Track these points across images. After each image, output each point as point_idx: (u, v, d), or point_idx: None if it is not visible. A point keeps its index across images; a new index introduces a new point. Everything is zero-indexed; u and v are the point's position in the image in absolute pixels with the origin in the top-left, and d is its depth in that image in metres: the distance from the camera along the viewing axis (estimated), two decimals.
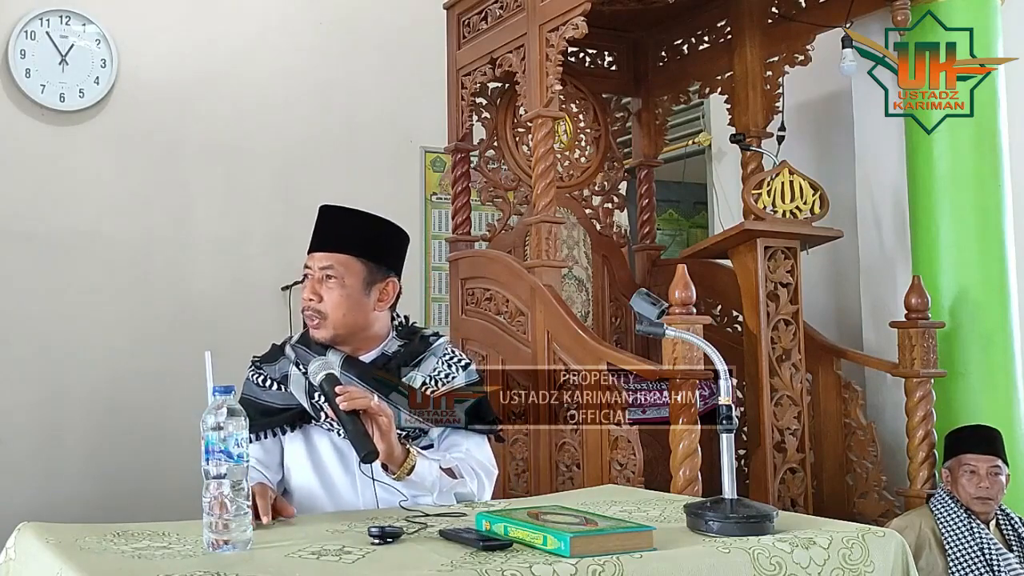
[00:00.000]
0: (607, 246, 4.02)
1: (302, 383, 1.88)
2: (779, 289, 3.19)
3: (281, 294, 4.47)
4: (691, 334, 2.00)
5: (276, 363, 1.94)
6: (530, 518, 1.43)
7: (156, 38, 4.41)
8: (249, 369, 1.96)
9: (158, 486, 3.96)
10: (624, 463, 2.77)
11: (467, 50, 3.64)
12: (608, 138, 4.10)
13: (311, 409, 1.87)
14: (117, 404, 4.17)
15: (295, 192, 4.59)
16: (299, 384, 1.89)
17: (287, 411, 1.88)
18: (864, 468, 3.31)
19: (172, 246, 4.38)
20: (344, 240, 1.92)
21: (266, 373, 1.93)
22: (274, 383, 1.91)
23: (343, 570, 1.28)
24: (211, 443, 1.38)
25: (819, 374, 3.43)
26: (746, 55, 3.75)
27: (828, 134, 4.12)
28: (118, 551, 1.36)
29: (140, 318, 4.27)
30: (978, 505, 2.78)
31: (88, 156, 4.27)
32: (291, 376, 1.90)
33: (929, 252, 3.35)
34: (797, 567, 1.41)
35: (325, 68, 4.73)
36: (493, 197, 3.76)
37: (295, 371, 1.90)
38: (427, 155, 4.96)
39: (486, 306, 3.41)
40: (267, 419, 1.88)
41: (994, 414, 3.12)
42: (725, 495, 1.55)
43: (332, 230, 1.94)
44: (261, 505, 1.58)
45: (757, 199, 3.17)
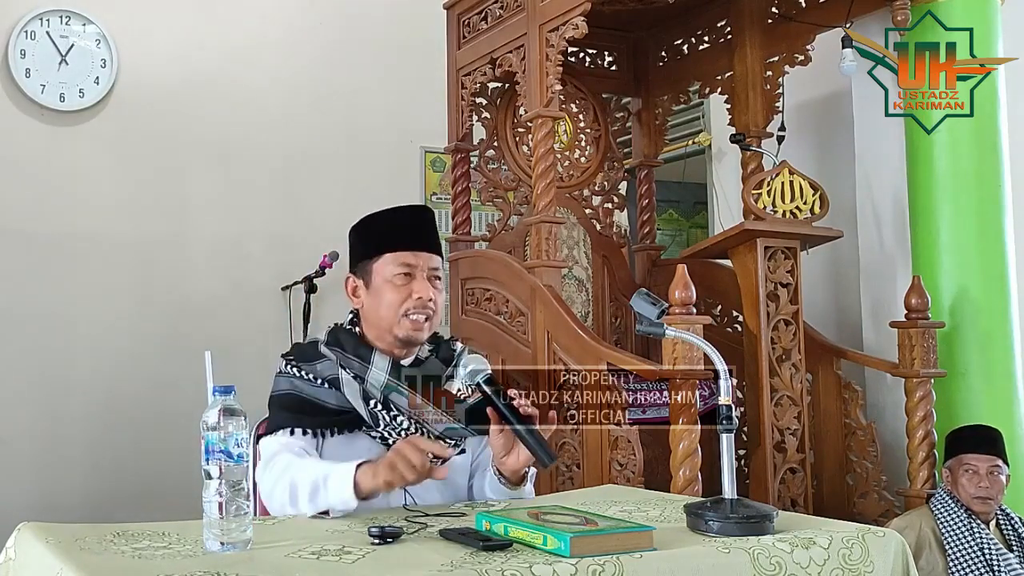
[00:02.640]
0: (607, 246, 4.02)
1: (356, 388, 1.85)
2: (779, 289, 3.19)
3: (281, 294, 4.46)
4: (691, 334, 1.99)
5: (316, 363, 1.89)
6: (530, 518, 1.43)
7: (156, 38, 4.41)
8: (286, 366, 1.90)
9: (158, 486, 3.96)
10: (624, 463, 2.77)
11: (467, 50, 3.64)
12: (608, 138, 4.10)
13: (368, 416, 1.83)
14: (117, 404, 4.17)
15: (295, 192, 4.59)
16: (354, 389, 1.85)
17: (342, 414, 1.84)
18: (864, 468, 3.31)
19: (172, 246, 4.38)
20: (437, 243, 1.97)
21: (310, 371, 1.88)
22: (324, 382, 1.86)
23: (343, 570, 1.27)
24: (211, 443, 1.38)
25: (819, 374, 3.43)
26: (746, 55, 3.75)
27: (828, 134, 4.12)
28: (118, 551, 1.36)
29: (140, 318, 4.27)
30: (978, 505, 2.78)
31: (88, 156, 4.27)
32: (343, 380, 1.86)
33: (929, 252, 3.35)
34: (797, 567, 1.41)
35: (325, 68, 4.73)
36: (493, 197, 3.76)
37: (347, 375, 1.86)
38: (427, 155, 4.96)
39: (486, 306, 3.41)
40: (321, 418, 1.84)
41: (994, 414, 3.13)
42: (725, 495, 1.55)
43: (431, 231, 1.97)
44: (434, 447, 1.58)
45: (757, 199, 3.17)
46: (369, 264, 1.93)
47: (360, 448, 1.82)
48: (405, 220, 1.97)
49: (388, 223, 1.96)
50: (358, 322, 1.97)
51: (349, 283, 1.97)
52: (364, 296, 1.94)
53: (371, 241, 1.94)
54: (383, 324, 1.90)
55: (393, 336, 1.90)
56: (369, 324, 1.94)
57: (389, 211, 1.98)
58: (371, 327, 1.93)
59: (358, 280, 1.95)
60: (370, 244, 1.94)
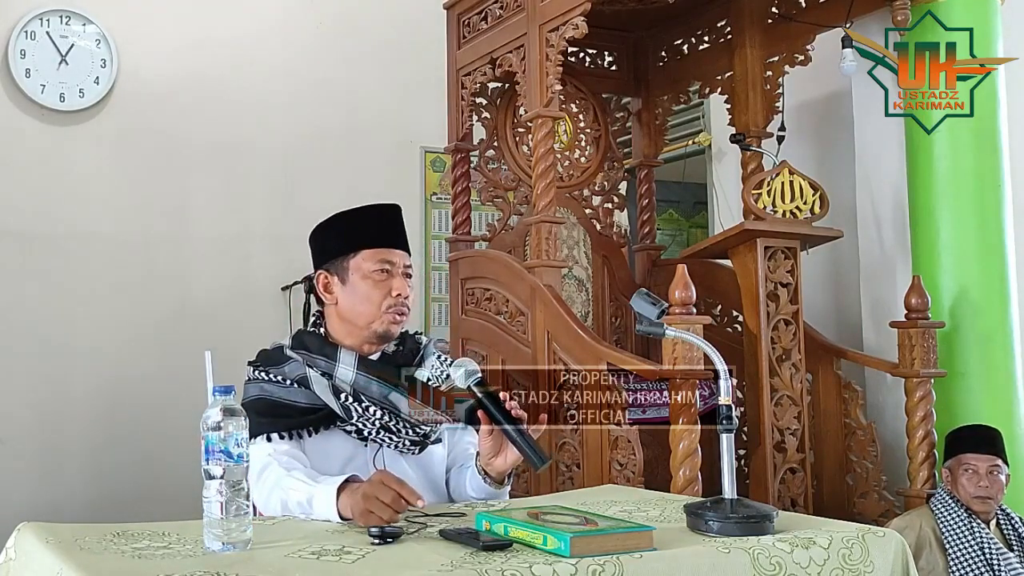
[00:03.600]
0: (607, 246, 4.02)
1: (325, 384, 1.86)
2: (779, 289, 3.19)
3: (281, 294, 4.46)
4: (691, 334, 1.99)
5: (284, 365, 1.90)
6: (530, 518, 1.43)
7: (156, 38, 4.41)
8: (253, 372, 1.91)
9: (158, 486, 3.96)
10: (624, 463, 2.77)
11: (467, 50, 3.64)
12: (608, 138, 4.10)
13: (341, 410, 1.84)
14: (117, 404, 4.17)
15: (295, 192, 4.59)
16: (323, 386, 1.86)
17: (314, 412, 1.85)
18: (864, 468, 3.31)
19: (172, 246, 4.38)
20: (406, 241, 1.98)
21: (278, 373, 1.89)
22: (293, 382, 1.87)
23: (343, 570, 1.27)
24: (211, 443, 1.38)
25: (819, 374, 3.43)
26: (746, 55, 3.75)
27: (828, 134, 4.12)
28: (118, 551, 1.36)
29: (140, 318, 4.27)
30: (978, 504, 2.78)
31: (88, 156, 4.27)
32: (311, 378, 1.86)
33: (929, 252, 3.35)
34: (797, 567, 1.41)
35: (325, 68, 4.73)
36: (493, 197, 3.76)
37: (314, 373, 1.87)
38: (427, 155, 4.96)
39: (486, 306, 3.41)
40: (296, 419, 1.84)
41: (994, 414, 3.12)
42: (725, 495, 1.55)
43: (401, 229, 1.98)
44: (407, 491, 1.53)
45: (757, 199, 3.17)
46: (345, 260, 1.93)
47: (337, 445, 1.85)
48: (381, 217, 1.98)
49: (364, 220, 1.97)
50: (322, 323, 1.97)
51: (320, 279, 1.96)
52: (338, 292, 1.94)
53: (347, 237, 1.95)
54: (360, 320, 1.91)
55: (371, 331, 1.91)
56: (341, 320, 1.94)
57: (364, 208, 1.99)
58: (343, 323, 1.93)
59: (331, 276, 1.95)
60: (346, 240, 1.95)
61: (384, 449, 1.88)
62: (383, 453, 1.88)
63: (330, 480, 1.65)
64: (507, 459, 1.82)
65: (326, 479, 1.67)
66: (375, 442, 1.87)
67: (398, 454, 1.89)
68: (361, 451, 1.87)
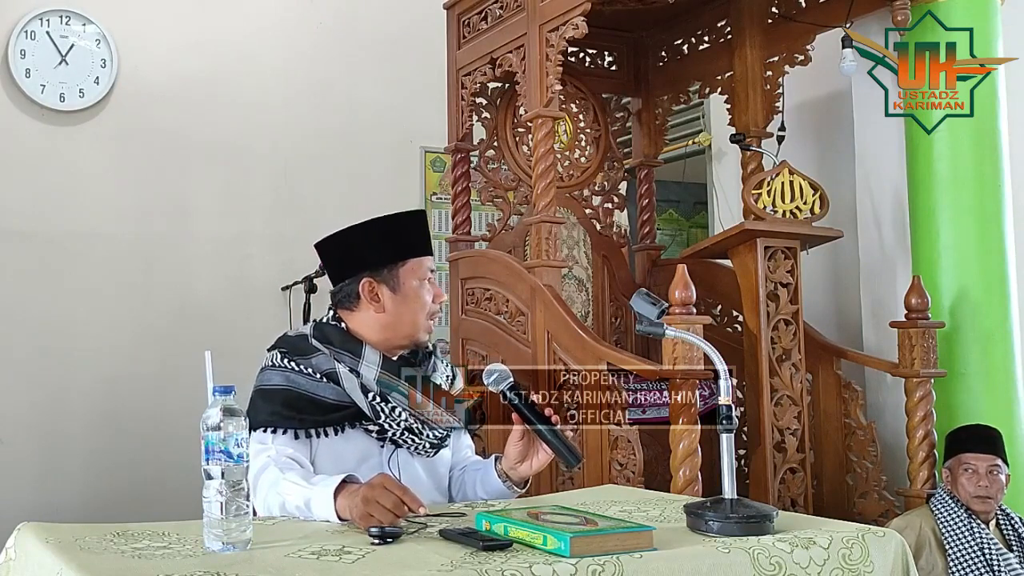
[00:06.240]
0: (607, 246, 4.02)
1: (355, 382, 1.84)
2: (779, 289, 3.19)
3: (281, 294, 4.46)
4: (691, 334, 2.00)
5: (311, 357, 1.86)
6: (530, 518, 1.43)
7: (156, 38, 4.41)
8: (280, 360, 1.86)
9: (158, 486, 3.96)
10: (624, 463, 2.77)
11: (467, 50, 3.64)
12: (608, 138, 4.10)
13: (369, 409, 1.83)
14: (117, 404, 4.17)
15: (295, 192, 4.59)
16: (353, 383, 1.84)
17: (339, 409, 1.83)
18: (864, 468, 3.31)
19: (172, 246, 4.38)
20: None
21: (307, 365, 1.85)
22: (323, 376, 1.84)
23: (343, 570, 1.27)
24: (211, 443, 1.38)
25: (819, 374, 3.43)
26: (746, 55, 3.75)
27: (828, 134, 4.12)
28: (118, 551, 1.36)
29: (140, 318, 4.27)
30: (978, 504, 2.78)
31: (88, 156, 4.27)
32: (341, 374, 1.84)
33: (929, 252, 3.35)
34: (797, 567, 1.41)
35: (325, 68, 4.74)
36: (493, 197, 3.76)
37: (343, 369, 1.85)
38: (427, 155, 4.96)
39: (486, 306, 3.41)
40: (319, 416, 1.82)
41: (994, 414, 3.12)
42: (725, 495, 1.55)
43: (428, 235, 2.02)
44: (409, 497, 1.52)
45: (757, 199, 3.17)
46: (394, 268, 1.91)
47: (354, 445, 1.84)
48: (420, 225, 2.00)
49: (406, 228, 1.96)
50: (340, 319, 1.95)
51: (366, 287, 1.90)
52: (387, 300, 1.91)
53: (394, 245, 1.93)
54: (406, 329, 1.91)
55: (413, 338, 1.93)
56: (383, 326, 1.91)
57: (402, 216, 1.97)
58: (383, 328, 1.91)
59: (378, 284, 1.91)
60: (396, 248, 1.93)
61: (398, 451, 1.87)
62: (398, 455, 1.87)
63: (327, 481, 1.64)
64: (533, 464, 1.85)
65: (322, 480, 1.66)
66: (395, 443, 1.86)
67: (411, 456, 1.89)
68: (375, 452, 1.86)
